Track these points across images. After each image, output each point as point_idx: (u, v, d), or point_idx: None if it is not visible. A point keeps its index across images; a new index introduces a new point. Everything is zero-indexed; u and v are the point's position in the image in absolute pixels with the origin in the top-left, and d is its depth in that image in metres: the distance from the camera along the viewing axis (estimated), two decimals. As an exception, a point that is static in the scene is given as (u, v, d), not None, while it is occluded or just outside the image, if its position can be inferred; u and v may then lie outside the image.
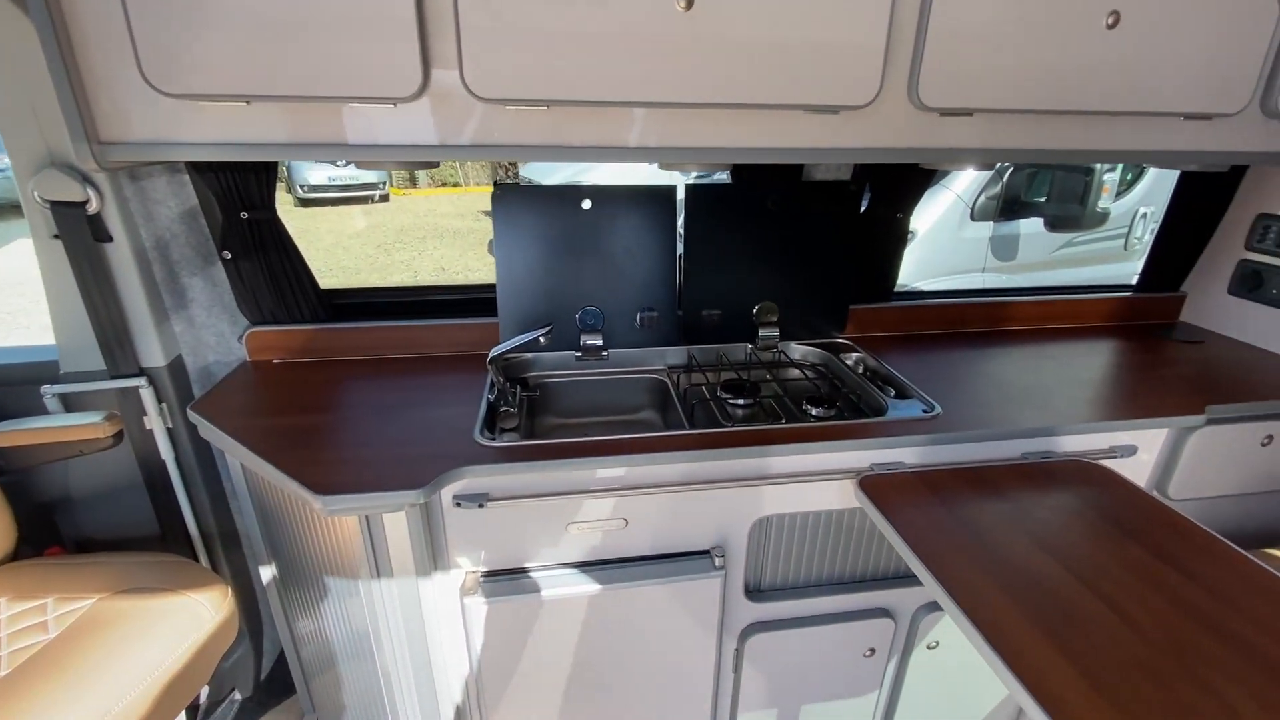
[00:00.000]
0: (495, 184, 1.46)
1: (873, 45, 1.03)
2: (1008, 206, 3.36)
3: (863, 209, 1.59)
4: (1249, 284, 1.64)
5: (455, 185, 11.60)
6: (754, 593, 1.32)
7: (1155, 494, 1.38)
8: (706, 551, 1.24)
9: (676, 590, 1.20)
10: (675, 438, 1.16)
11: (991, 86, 1.09)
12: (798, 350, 1.62)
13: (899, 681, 1.45)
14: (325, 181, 9.41)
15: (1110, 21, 1.07)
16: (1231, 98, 1.17)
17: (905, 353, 1.58)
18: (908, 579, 1.36)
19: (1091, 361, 1.54)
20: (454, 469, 1.04)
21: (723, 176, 1.57)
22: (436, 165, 1.13)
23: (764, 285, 1.58)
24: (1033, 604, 0.86)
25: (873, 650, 1.38)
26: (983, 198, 3.36)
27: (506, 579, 1.17)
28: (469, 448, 1.11)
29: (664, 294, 1.54)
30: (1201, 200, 1.69)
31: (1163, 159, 1.24)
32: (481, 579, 1.16)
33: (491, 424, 1.23)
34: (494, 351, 1.24)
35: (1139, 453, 1.31)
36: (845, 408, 1.43)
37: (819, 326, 1.64)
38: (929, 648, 1.41)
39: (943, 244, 3.38)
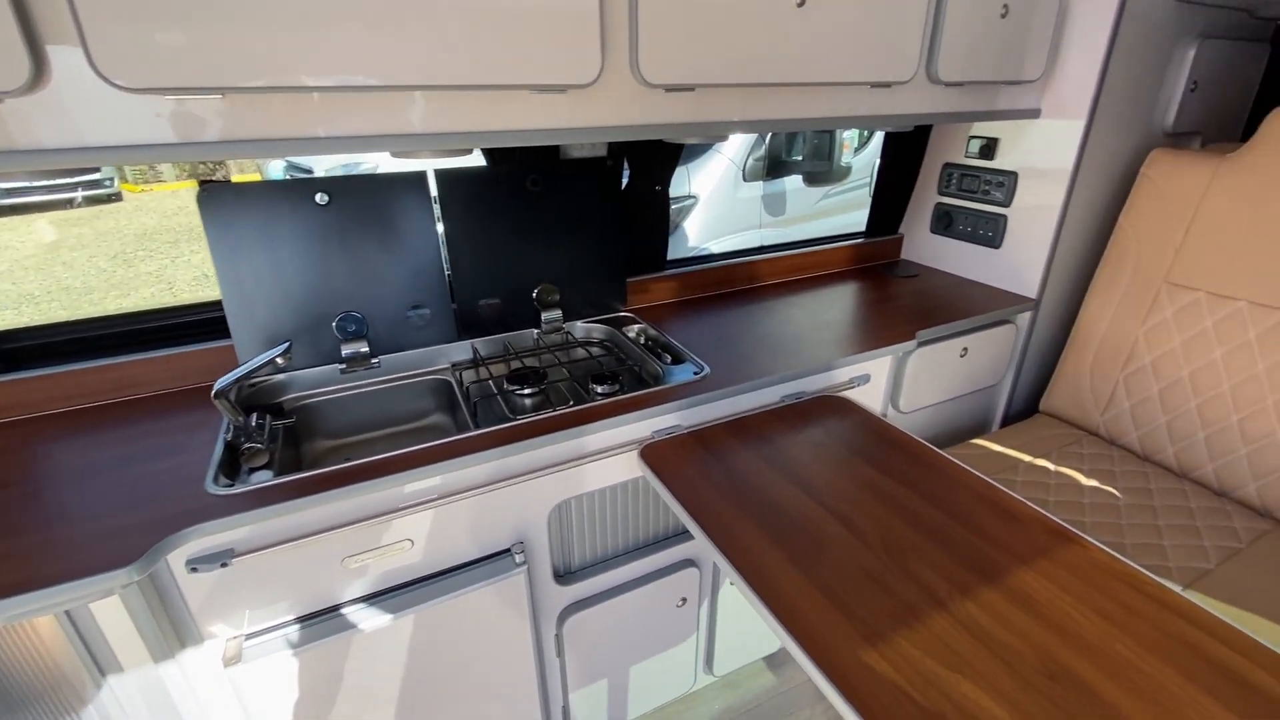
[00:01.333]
0: (200, 183, 1.24)
1: (588, 23, 1.02)
2: (772, 167, 3.68)
3: (624, 184, 1.62)
4: (943, 223, 1.97)
5: (212, 174, 9.94)
6: (564, 576, 1.33)
7: (890, 410, 1.62)
8: (507, 550, 1.21)
9: (480, 597, 1.16)
10: (452, 444, 1.10)
11: (708, 62, 1.14)
12: (583, 329, 1.63)
13: (712, 620, 1.57)
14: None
15: (799, 1, 1.17)
16: (904, 68, 1.35)
17: (681, 318, 1.66)
18: (705, 529, 1.47)
19: (833, 304, 1.75)
20: (177, 532, 0.89)
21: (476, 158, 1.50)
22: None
23: (541, 267, 1.55)
24: (785, 537, 0.95)
25: (684, 600, 1.47)
26: (750, 160, 3.65)
27: (281, 634, 1.04)
28: (200, 501, 0.95)
29: (434, 288, 1.45)
30: (903, 155, 1.98)
31: (856, 123, 1.41)
32: (246, 643, 1.02)
33: (233, 467, 1.07)
34: (218, 385, 1.07)
35: (872, 380, 1.52)
36: (629, 381, 1.47)
37: (601, 302, 1.66)
38: (731, 583, 1.54)
39: (723, 206, 3.63)
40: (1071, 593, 0.84)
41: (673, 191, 3.52)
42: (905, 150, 1.97)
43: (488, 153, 1.45)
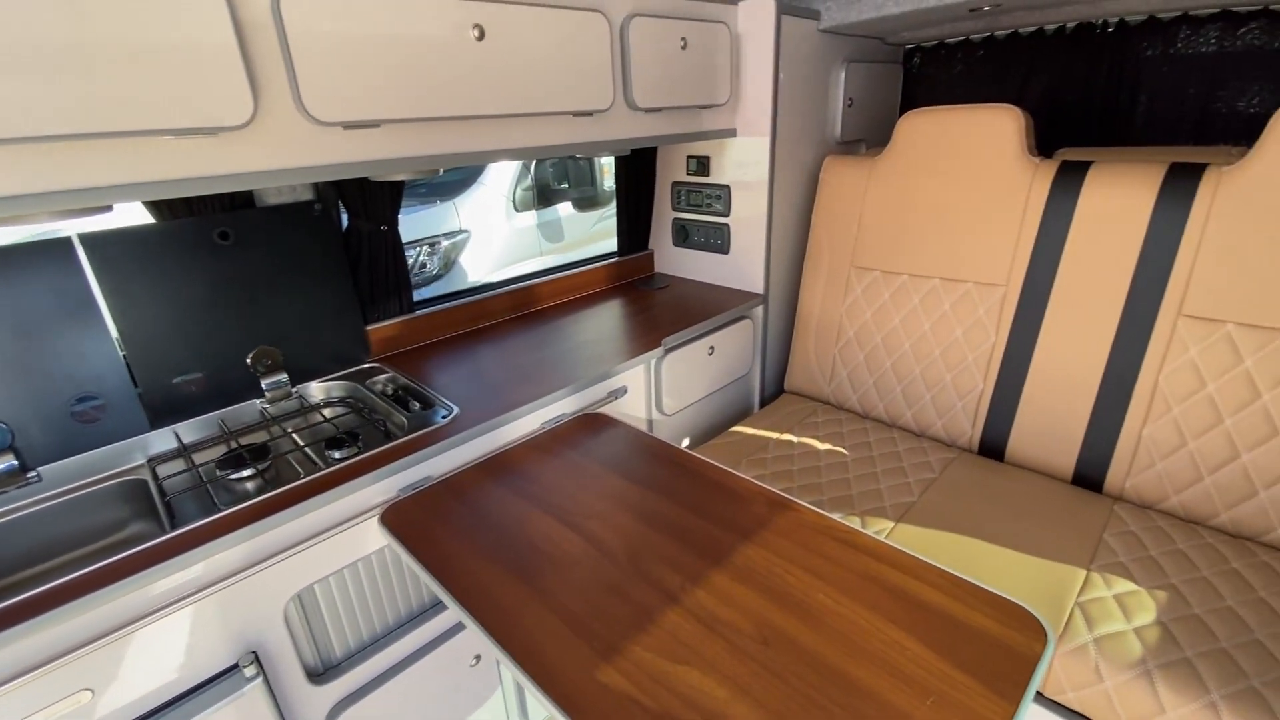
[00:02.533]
0: None
1: (227, 60, 0.92)
2: (542, 195, 3.74)
3: (345, 227, 1.51)
4: (681, 236, 2.14)
5: None
6: (323, 674, 1.17)
7: (655, 414, 1.70)
8: (234, 665, 1.03)
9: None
10: (130, 559, 0.91)
11: (390, 98, 1.10)
12: (320, 389, 1.47)
13: (517, 668, 1.50)
14: None
15: (477, 35, 1.18)
16: (601, 97, 1.43)
17: (436, 360, 1.58)
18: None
19: (590, 324, 1.80)
20: None
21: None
22: None
23: (252, 330, 1.37)
24: (531, 570, 0.93)
25: (478, 657, 1.38)
26: (519, 190, 3.67)
27: None
28: None
29: (107, 374, 1.20)
30: (636, 176, 2.11)
31: (568, 149, 1.46)
32: None
33: None
34: None
35: (630, 390, 1.58)
36: (374, 439, 1.35)
37: (341, 356, 1.52)
38: (530, 625, 1.48)
39: (499, 237, 3.59)
40: (784, 555, 0.93)
41: (442, 227, 3.44)
42: (637, 172, 2.11)
43: (154, 206, 1.25)
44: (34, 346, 1.13)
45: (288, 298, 1.41)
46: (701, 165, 1.99)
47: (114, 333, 1.22)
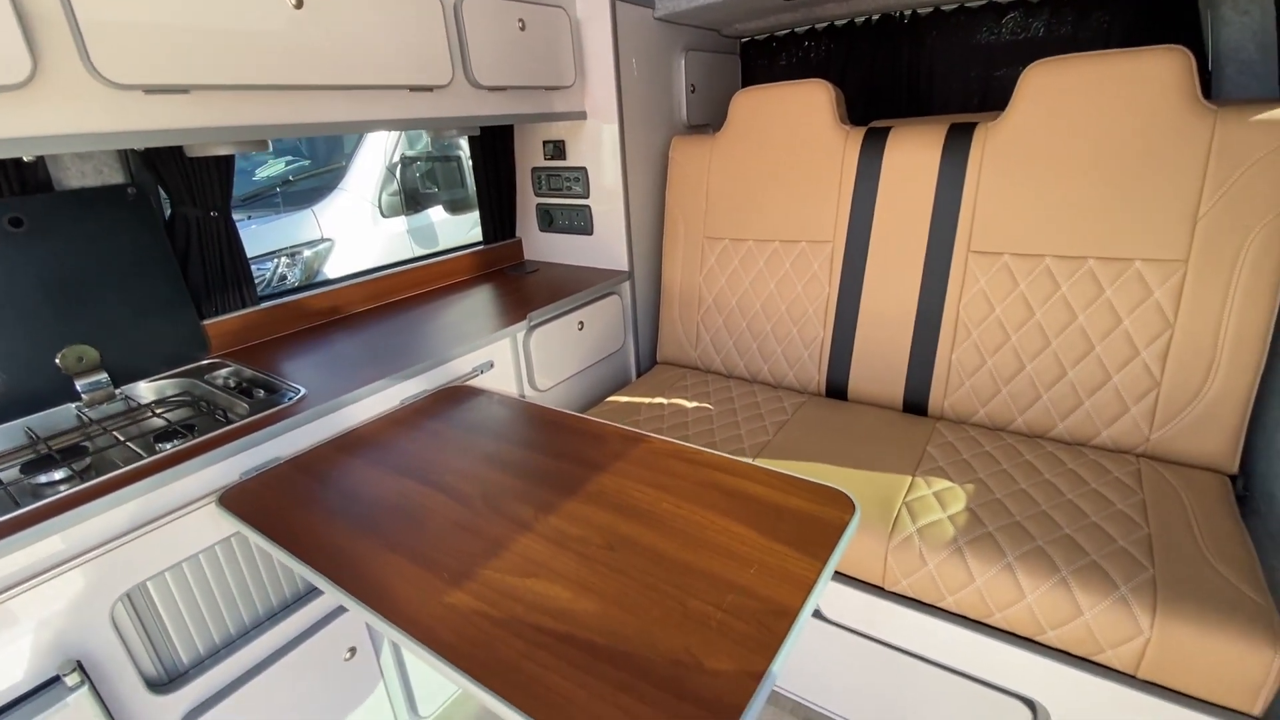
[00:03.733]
0: None
1: (-10, 9, 0.85)
2: (410, 200, 3.65)
3: (168, 215, 1.41)
4: (546, 220, 2.18)
5: None
6: (167, 683, 1.08)
7: (528, 390, 1.71)
8: (55, 677, 0.93)
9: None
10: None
11: (200, 61, 1.05)
12: (151, 389, 1.36)
13: (400, 660, 1.45)
14: None
15: (293, 2, 1.16)
16: (439, 72, 1.45)
17: (284, 352, 1.51)
18: (357, 563, 1.34)
19: (456, 307, 1.79)
20: None
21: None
22: None
23: (61, 328, 1.24)
24: (389, 529, 0.91)
25: (353, 650, 1.33)
26: (385, 196, 3.56)
27: None
28: None
29: None
30: (493, 163, 2.13)
31: (408, 124, 1.46)
32: None
33: None
34: None
35: (497, 365, 1.59)
36: (210, 430, 1.27)
37: (173, 355, 1.41)
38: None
39: (365, 245, 3.46)
40: (632, 477, 0.98)
41: (301, 236, 3.26)
42: (495, 158, 2.12)
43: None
44: None
45: (103, 292, 1.29)
46: (558, 149, 2.04)
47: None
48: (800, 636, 0.69)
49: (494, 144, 2.07)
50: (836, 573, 1.30)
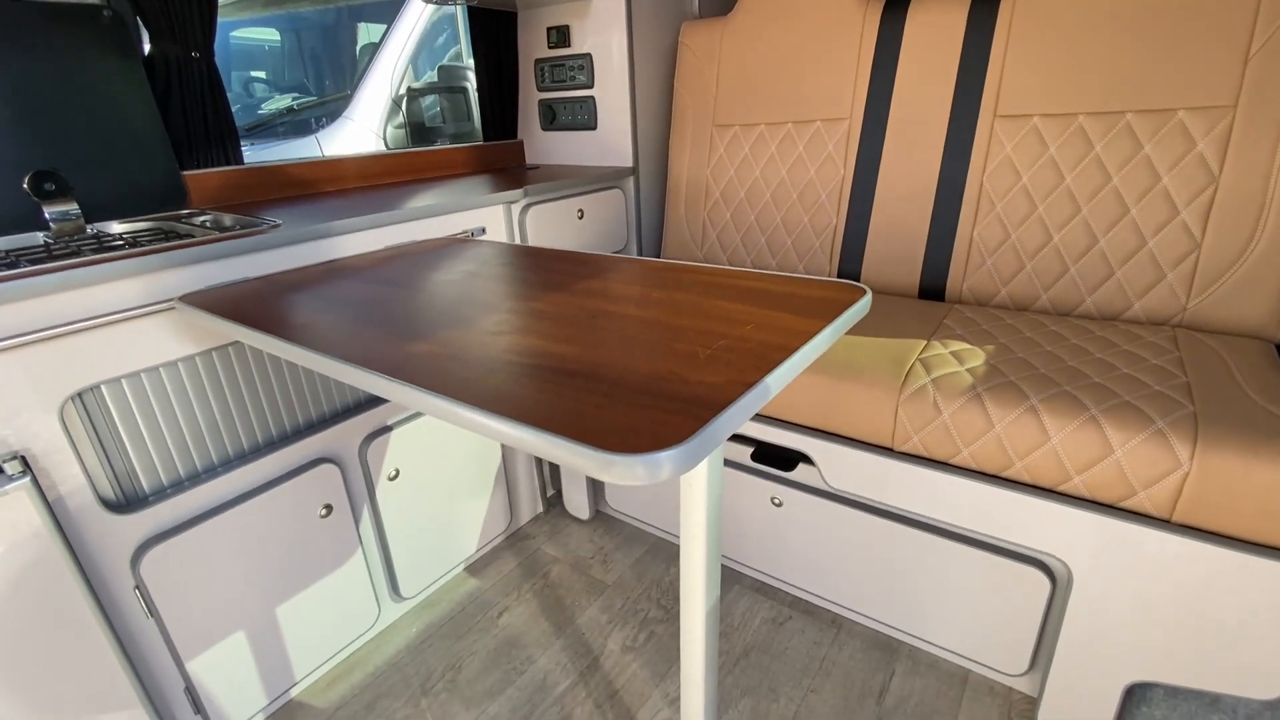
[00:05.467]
0: None
1: None
2: (416, 133, 3.57)
3: (146, 51, 1.34)
4: (549, 118, 2.09)
5: None
6: (125, 505, 1.01)
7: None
8: (-5, 470, 0.86)
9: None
10: None
11: None
12: (124, 228, 1.29)
13: (380, 530, 1.38)
14: None
15: None
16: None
17: (268, 209, 1.44)
18: (336, 418, 1.28)
19: (450, 186, 1.71)
20: None
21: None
22: None
23: (27, 152, 1.18)
24: (377, 322, 0.84)
25: (329, 507, 1.26)
26: (390, 128, 3.49)
27: None
28: None
29: None
30: (497, 55, 2.04)
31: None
32: None
33: None
34: None
35: (489, 232, 1.51)
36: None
37: (148, 198, 1.34)
38: (390, 479, 1.38)
39: (369, 176, 3.39)
40: (633, 282, 0.90)
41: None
42: (497, 49, 2.04)
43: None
44: None
45: (75, 119, 1.23)
46: (561, 35, 1.95)
47: None
48: (797, 370, 0.60)
49: (496, 35, 1.99)
50: (840, 436, 1.22)
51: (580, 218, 1.76)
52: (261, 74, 3.88)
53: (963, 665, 1.26)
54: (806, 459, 1.27)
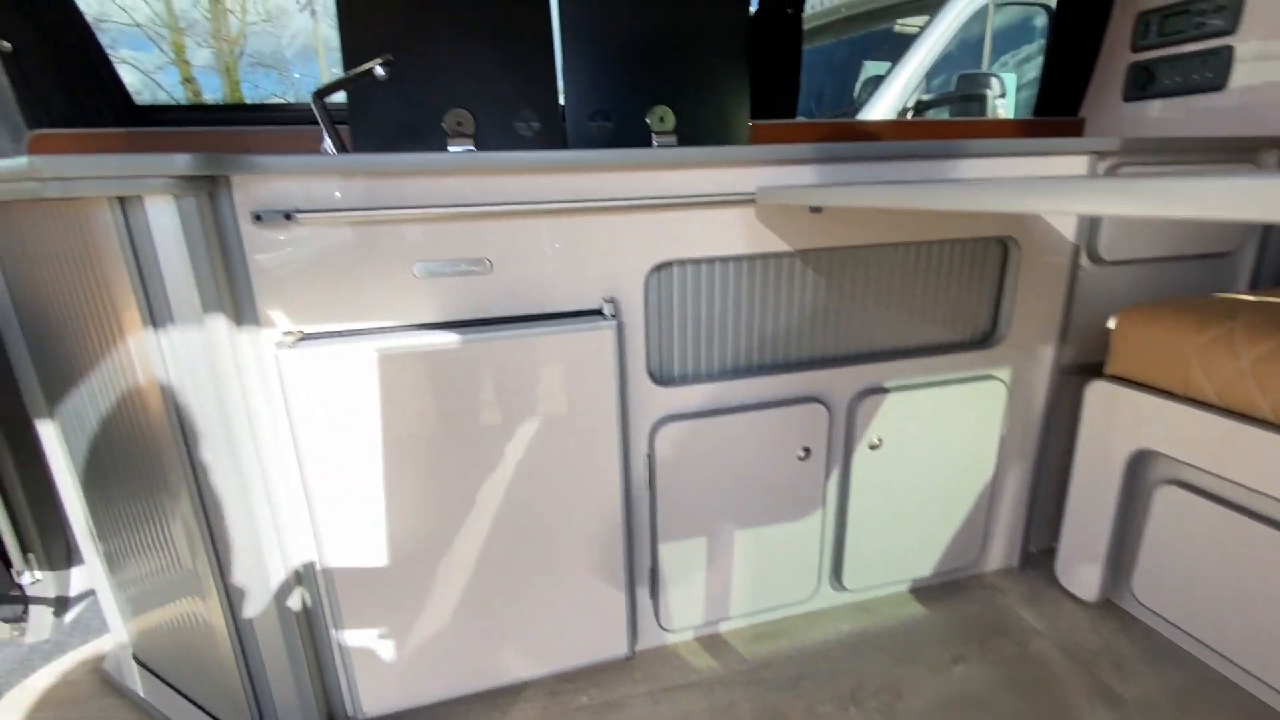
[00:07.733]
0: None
1: None
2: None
3: (754, 8, 1.50)
4: (1140, 83, 1.63)
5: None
6: (658, 378, 1.10)
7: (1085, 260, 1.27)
8: (597, 310, 1.02)
9: (561, 343, 0.97)
10: (538, 156, 0.95)
11: None
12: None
13: (843, 500, 1.24)
14: None
15: None
16: None
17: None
18: (838, 361, 1.18)
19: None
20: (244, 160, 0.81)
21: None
22: None
23: (656, 88, 1.43)
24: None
25: (807, 450, 1.17)
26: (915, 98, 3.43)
27: (341, 338, 0.91)
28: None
29: (543, 98, 1.37)
30: (1081, 17, 1.69)
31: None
32: (303, 341, 0.89)
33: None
34: (319, 86, 1.02)
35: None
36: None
37: (721, 142, 1.50)
38: (871, 447, 1.22)
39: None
40: None
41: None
42: (1085, 15, 1.69)
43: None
44: (503, 54, 1.34)
45: (691, 64, 1.42)
46: (1197, -28, 1.48)
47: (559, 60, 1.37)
48: None
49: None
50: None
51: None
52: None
53: None
54: None
